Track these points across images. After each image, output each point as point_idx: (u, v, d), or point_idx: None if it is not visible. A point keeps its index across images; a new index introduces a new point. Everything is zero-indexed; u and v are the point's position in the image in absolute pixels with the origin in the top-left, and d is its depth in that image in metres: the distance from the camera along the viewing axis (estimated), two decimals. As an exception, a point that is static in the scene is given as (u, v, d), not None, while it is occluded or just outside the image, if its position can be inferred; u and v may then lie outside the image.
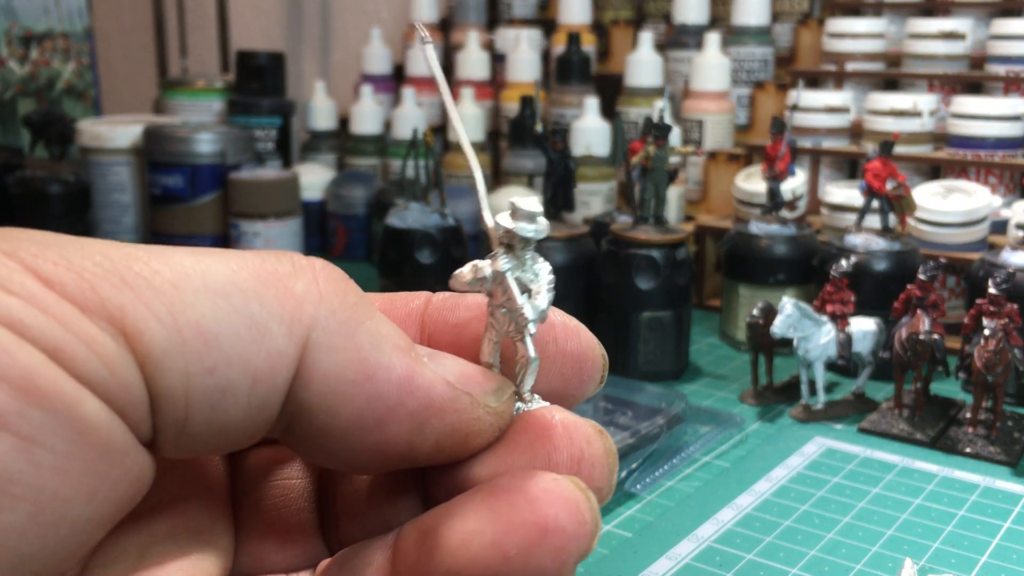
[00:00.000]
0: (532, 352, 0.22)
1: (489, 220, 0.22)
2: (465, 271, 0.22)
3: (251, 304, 0.18)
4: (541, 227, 0.21)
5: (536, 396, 0.22)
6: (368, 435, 0.20)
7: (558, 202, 0.79)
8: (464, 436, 0.21)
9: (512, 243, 0.22)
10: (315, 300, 0.19)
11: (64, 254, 0.17)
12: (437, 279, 0.82)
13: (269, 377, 0.18)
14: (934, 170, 0.94)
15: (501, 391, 0.21)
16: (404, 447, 0.20)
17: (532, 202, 0.21)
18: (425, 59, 0.22)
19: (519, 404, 0.22)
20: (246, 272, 0.19)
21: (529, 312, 0.21)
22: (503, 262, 0.21)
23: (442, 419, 0.20)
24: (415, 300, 0.24)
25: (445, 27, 1.35)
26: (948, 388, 0.73)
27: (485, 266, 0.22)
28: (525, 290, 0.22)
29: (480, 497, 0.20)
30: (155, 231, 1.09)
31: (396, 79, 1.31)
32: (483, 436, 0.21)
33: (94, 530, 0.17)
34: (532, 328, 0.21)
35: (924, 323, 0.64)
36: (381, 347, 0.20)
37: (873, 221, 0.78)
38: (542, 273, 0.22)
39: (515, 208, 0.21)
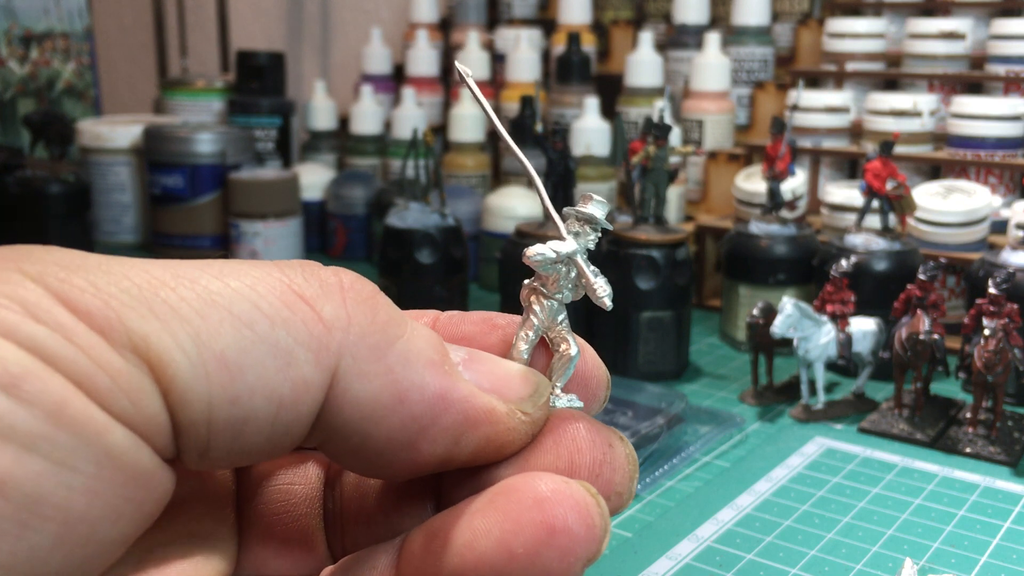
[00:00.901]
0: (575, 348, 0.22)
1: (551, 207, 0.22)
2: (542, 246, 0.22)
3: (277, 332, 0.18)
4: (608, 217, 0.22)
5: (567, 395, 0.22)
6: (402, 454, 0.20)
7: (558, 202, 0.79)
8: (499, 445, 0.21)
9: (580, 230, 0.22)
10: (343, 326, 0.19)
11: (91, 279, 0.17)
12: (437, 279, 0.82)
13: (293, 405, 0.18)
14: (934, 170, 0.94)
15: (538, 395, 0.21)
16: (440, 460, 0.20)
17: (599, 195, 0.22)
18: (472, 95, 0.22)
19: (554, 399, 0.22)
20: (273, 296, 0.18)
21: (606, 287, 0.22)
22: (576, 244, 0.22)
23: (477, 432, 0.20)
24: (423, 319, 0.24)
25: (445, 27, 1.35)
26: (948, 388, 0.73)
27: (562, 244, 0.22)
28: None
29: (488, 498, 0.20)
30: (155, 231, 1.09)
31: (396, 79, 1.31)
32: (517, 443, 0.21)
33: (116, 550, 0.17)
34: (608, 302, 0.22)
35: (924, 323, 0.64)
36: (413, 366, 0.19)
37: (873, 221, 0.78)
38: (595, 270, 0.22)
39: (588, 196, 0.22)
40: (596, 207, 0.22)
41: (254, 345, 0.18)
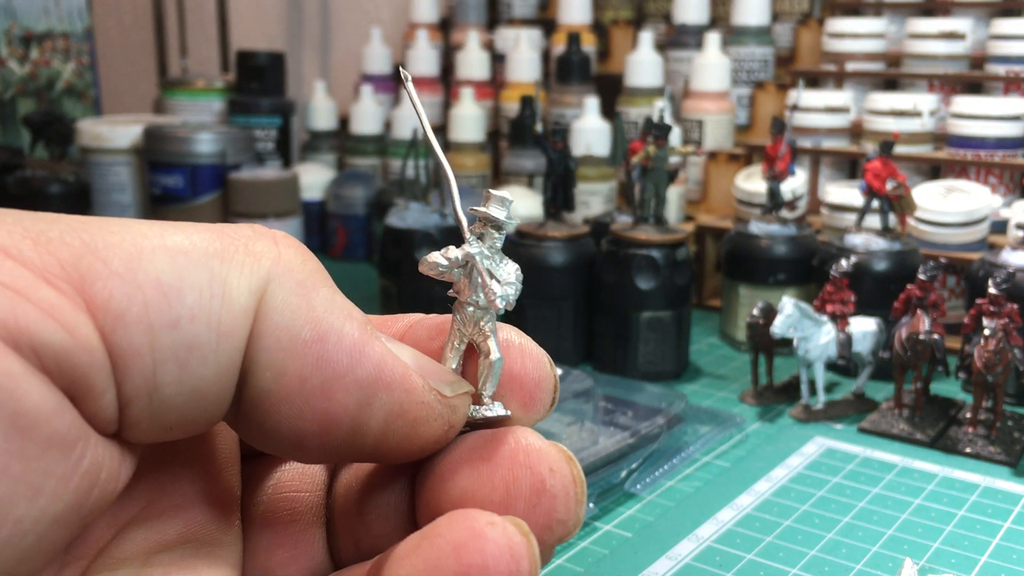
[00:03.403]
0: (496, 353, 0.21)
1: (460, 210, 0.22)
2: (435, 254, 0.22)
3: (211, 260, 0.18)
4: (512, 214, 0.21)
5: (496, 403, 0.22)
6: (313, 401, 0.19)
7: (558, 202, 0.79)
8: (412, 419, 0.20)
9: (484, 232, 0.22)
10: (273, 258, 0.19)
11: (24, 224, 0.17)
12: (436, 279, 0.82)
13: (231, 332, 0.18)
14: (934, 170, 0.94)
15: (457, 384, 0.21)
16: (350, 420, 0.19)
17: (505, 191, 0.21)
18: (409, 98, 0.22)
19: (479, 408, 0.21)
20: (206, 235, 0.19)
21: (498, 289, 0.21)
22: (474, 247, 0.21)
23: (390, 394, 0.20)
24: (400, 322, 0.23)
25: (445, 27, 1.35)
26: (948, 388, 0.73)
27: (455, 250, 0.22)
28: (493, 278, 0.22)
29: (416, 541, 0.19)
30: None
31: (396, 79, 1.31)
32: (432, 425, 0.20)
33: (48, 529, 0.16)
34: (500, 304, 0.21)
35: (924, 323, 0.64)
36: (335, 313, 0.19)
37: (873, 221, 0.78)
38: (511, 268, 0.22)
39: (488, 195, 0.21)
40: (495, 206, 0.21)
41: (189, 271, 0.18)
